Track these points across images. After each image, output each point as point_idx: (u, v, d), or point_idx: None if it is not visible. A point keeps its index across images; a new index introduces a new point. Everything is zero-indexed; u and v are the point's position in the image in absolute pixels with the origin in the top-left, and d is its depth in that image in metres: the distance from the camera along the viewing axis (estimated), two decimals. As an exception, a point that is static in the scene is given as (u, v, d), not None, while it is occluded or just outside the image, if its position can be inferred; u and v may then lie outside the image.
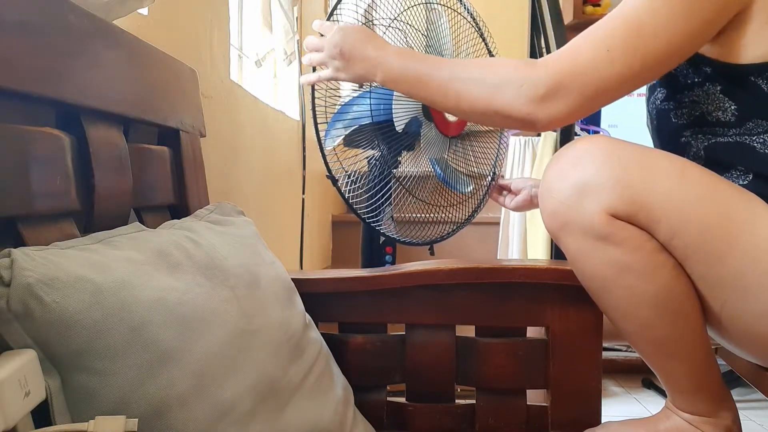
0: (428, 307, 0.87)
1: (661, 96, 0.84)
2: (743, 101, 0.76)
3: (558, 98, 0.73)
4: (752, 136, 0.76)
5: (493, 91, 0.77)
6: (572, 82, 0.72)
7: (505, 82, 0.76)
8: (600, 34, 0.73)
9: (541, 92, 0.73)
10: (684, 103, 0.81)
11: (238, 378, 0.58)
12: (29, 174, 0.53)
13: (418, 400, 0.88)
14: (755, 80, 0.74)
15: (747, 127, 0.77)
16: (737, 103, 0.76)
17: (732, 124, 0.77)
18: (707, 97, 0.78)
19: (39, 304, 0.45)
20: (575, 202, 0.72)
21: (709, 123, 0.79)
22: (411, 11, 1.10)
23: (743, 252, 0.68)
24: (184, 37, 1.13)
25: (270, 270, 0.75)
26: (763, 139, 0.76)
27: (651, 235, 0.71)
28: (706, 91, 0.78)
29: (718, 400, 0.77)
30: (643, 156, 0.72)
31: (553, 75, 0.73)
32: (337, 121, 1.10)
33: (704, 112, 0.79)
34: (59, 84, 0.58)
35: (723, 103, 0.77)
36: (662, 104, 0.84)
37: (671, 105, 0.83)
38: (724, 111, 0.77)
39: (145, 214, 0.76)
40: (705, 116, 0.79)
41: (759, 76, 0.74)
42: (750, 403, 1.90)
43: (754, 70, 0.74)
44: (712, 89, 0.78)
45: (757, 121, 0.76)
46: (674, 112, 0.82)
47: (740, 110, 0.76)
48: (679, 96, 0.81)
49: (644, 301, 0.72)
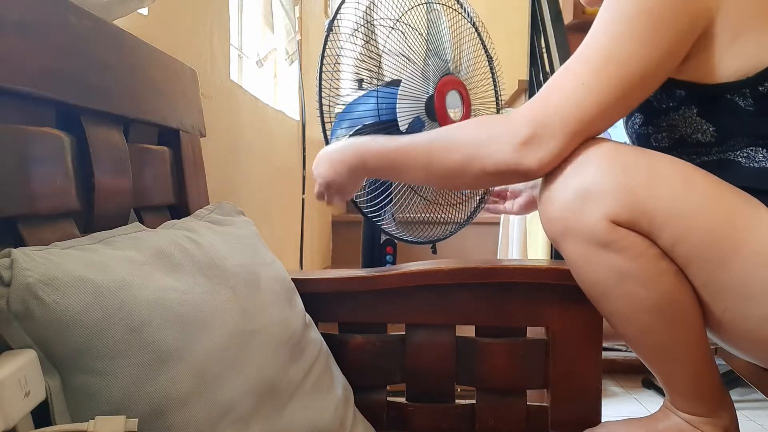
0: (428, 307, 0.87)
1: (639, 121, 0.83)
2: (721, 121, 0.75)
3: (542, 140, 0.72)
4: (735, 151, 0.76)
5: (477, 150, 0.75)
6: (552, 121, 0.71)
7: (487, 139, 0.75)
8: (571, 70, 0.73)
9: (523, 137, 0.72)
10: (662, 126, 0.80)
11: (239, 378, 0.58)
12: (29, 174, 0.53)
13: (418, 400, 0.88)
14: (731, 97, 0.73)
15: (729, 145, 0.76)
16: (715, 124, 0.76)
17: (712, 143, 0.77)
18: (684, 120, 0.78)
19: (39, 304, 0.45)
20: (577, 209, 0.71)
21: (690, 144, 0.79)
22: (411, 12, 1.11)
23: (747, 258, 0.67)
24: (184, 37, 1.13)
25: (270, 270, 0.75)
26: (746, 154, 0.75)
27: (653, 242, 0.70)
28: (682, 115, 0.77)
29: (716, 400, 0.77)
30: (646, 161, 0.71)
31: (531, 118, 0.72)
32: (342, 120, 1.10)
33: (683, 135, 0.79)
34: (59, 84, 0.58)
35: (701, 126, 0.76)
36: (641, 129, 0.83)
37: (650, 129, 0.82)
38: (703, 133, 0.77)
39: (145, 214, 0.76)
40: (685, 139, 0.79)
41: (735, 94, 0.73)
42: (750, 403, 1.90)
43: (730, 88, 0.73)
44: (688, 113, 0.77)
45: (737, 138, 0.75)
46: (653, 136, 0.82)
47: (719, 131, 0.76)
48: (656, 120, 0.80)
49: (645, 308, 0.72)
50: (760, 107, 0.73)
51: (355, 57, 1.11)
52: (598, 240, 0.70)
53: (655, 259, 0.70)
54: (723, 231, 0.68)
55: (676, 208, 0.69)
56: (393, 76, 1.10)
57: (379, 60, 1.10)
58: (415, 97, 1.08)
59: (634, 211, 0.69)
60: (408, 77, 1.09)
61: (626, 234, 0.70)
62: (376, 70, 1.10)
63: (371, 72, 1.10)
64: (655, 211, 0.69)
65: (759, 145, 0.75)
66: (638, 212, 0.69)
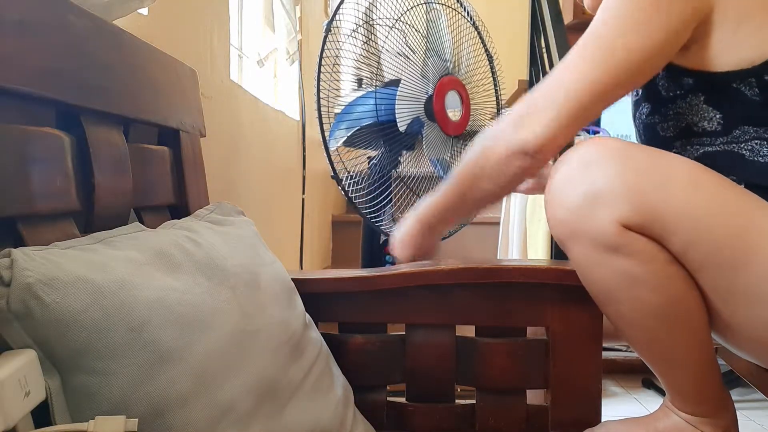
0: (428, 307, 0.87)
1: (646, 110, 0.84)
2: (727, 109, 0.75)
3: (534, 114, 0.75)
4: (740, 143, 0.76)
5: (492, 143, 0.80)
6: (546, 100, 0.76)
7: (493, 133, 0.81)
8: (568, 58, 0.77)
9: (518, 117, 0.77)
10: (669, 116, 0.80)
11: (238, 378, 0.58)
12: (29, 174, 0.53)
13: (418, 400, 0.88)
14: (737, 86, 0.74)
15: (734, 135, 0.76)
16: (722, 111, 0.76)
17: (718, 133, 0.77)
18: (691, 108, 0.78)
19: (39, 304, 0.45)
20: (586, 212, 0.70)
21: (695, 134, 0.79)
22: (411, 12, 1.11)
23: (760, 262, 0.67)
24: (184, 37, 1.13)
25: (270, 270, 0.75)
26: (751, 147, 0.75)
27: (662, 246, 0.69)
28: (689, 103, 0.78)
29: (717, 401, 0.77)
30: (656, 162, 0.71)
31: (527, 101, 0.78)
32: (341, 121, 1.10)
33: (690, 123, 0.79)
34: (59, 84, 0.58)
35: (707, 113, 0.76)
36: (647, 118, 0.84)
37: (656, 119, 0.82)
38: (710, 121, 0.77)
39: (145, 214, 0.76)
40: (691, 127, 0.79)
41: (741, 82, 0.73)
42: (750, 403, 1.90)
43: (736, 77, 0.73)
44: (695, 100, 0.77)
45: (743, 128, 0.75)
46: (660, 125, 0.82)
47: (725, 119, 0.76)
48: (663, 109, 0.81)
49: (652, 312, 0.71)
50: (766, 96, 0.73)
51: (355, 57, 1.11)
52: (608, 244, 0.70)
53: (665, 263, 0.69)
54: (735, 235, 0.68)
55: (687, 212, 0.68)
56: (392, 75, 1.10)
57: (379, 59, 1.10)
58: (414, 98, 1.08)
59: (645, 215, 0.68)
60: (407, 77, 1.09)
61: (636, 238, 0.69)
62: (375, 69, 1.10)
63: (371, 72, 1.10)
64: (666, 215, 0.68)
65: (764, 139, 0.74)
66: (649, 216, 0.68)
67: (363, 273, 0.88)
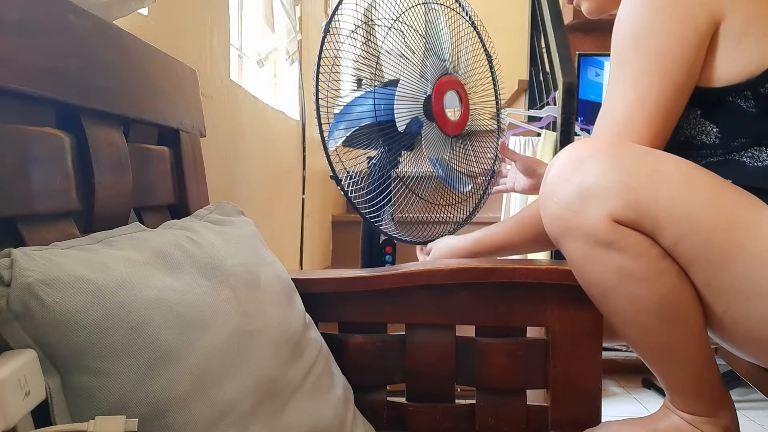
0: (428, 307, 0.87)
1: None
2: (724, 122, 0.76)
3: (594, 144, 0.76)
4: (739, 152, 0.76)
5: None
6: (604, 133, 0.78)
7: None
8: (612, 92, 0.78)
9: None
10: None
11: (238, 378, 0.58)
12: (29, 174, 0.53)
13: (418, 400, 0.88)
14: (733, 100, 0.74)
15: (732, 146, 0.77)
16: (719, 125, 0.76)
17: (717, 145, 0.77)
18: (689, 122, 0.78)
19: (39, 304, 0.45)
20: (578, 208, 0.71)
21: (694, 146, 0.79)
22: (409, 12, 1.11)
23: (749, 258, 0.67)
24: (184, 37, 1.13)
25: (270, 270, 0.75)
26: (751, 154, 0.76)
27: (654, 241, 0.70)
28: (686, 116, 0.78)
29: (717, 400, 0.77)
30: (647, 159, 0.71)
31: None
32: (340, 121, 1.10)
33: (688, 137, 0.79)
34: (59, 84, 0.58)
35: (705, 127, 0.77)
36: None
37: None
38: (707, 134, 0.77)
39: (145, 214, 0.76)
40: (689, 140, 0.79)
41: (736, 96, 0.74)
42: (750, 403, 1.90)
43: (731, 91, 0.74)
44: (692, 114, 0.78)
45: (740, 140, 0.76)
46: None
47: (723, 132, 0.76)
48: None
49: (646, 308, 0.72)
50: (762, 108, 0.73)
51: (354, 57, 1.11)
52: (600, 239, 0.70)
53: (656, 258, 0.70)
54: (725, 230, 0.68)
55: (678, 207, 0.68)
56: (391, 75, 1.10)
57: (377, 59, 1.10)
58: (413, 98, 1.08)
59: (636, 211, 0.69)
60: (406, 77, 1.09)
61: (628, 233, 0.70)
62: (374, 69, 1.10)
63: (370, 72, 1.10)
64: (657, 211, 0.68)
65: (763, 145, 0.75)
66: (640, 211, 0.69)
67: (363, 273, 0.88)
